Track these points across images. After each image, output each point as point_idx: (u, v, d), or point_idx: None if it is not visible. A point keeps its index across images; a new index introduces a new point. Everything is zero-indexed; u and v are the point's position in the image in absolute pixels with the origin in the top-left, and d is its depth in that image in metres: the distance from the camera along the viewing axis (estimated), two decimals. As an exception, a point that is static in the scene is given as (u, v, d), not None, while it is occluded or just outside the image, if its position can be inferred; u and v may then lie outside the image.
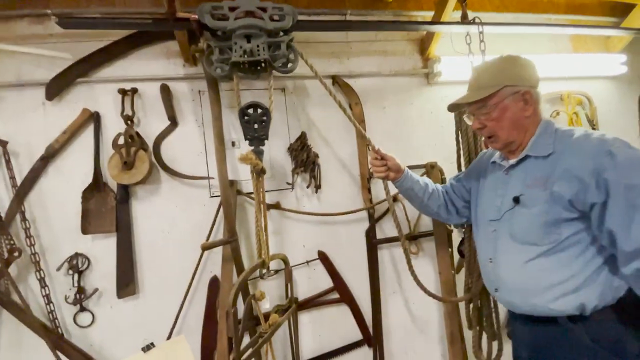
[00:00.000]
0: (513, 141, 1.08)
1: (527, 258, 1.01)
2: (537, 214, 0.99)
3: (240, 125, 1.34)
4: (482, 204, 1.22)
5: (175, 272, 1.55)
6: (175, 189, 1.58)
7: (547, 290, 0.98)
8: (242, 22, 1.27)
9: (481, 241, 1.21)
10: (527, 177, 1.05)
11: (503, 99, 1.05)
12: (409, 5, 1.80)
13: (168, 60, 1.58)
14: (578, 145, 0.96)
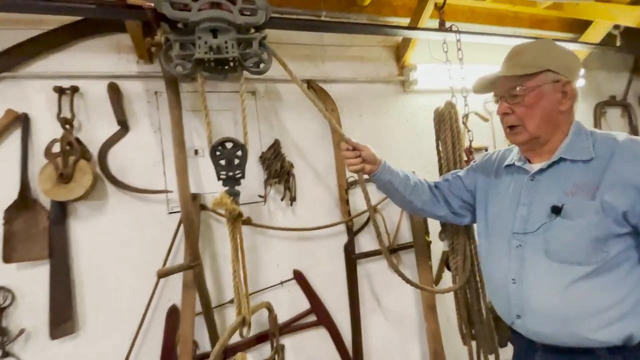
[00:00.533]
0: (540, 137, 0.93)
1: (569, 280, 0.85)
2: (585, 227, 0.83)
3: (212, 163, 1.14)
4: (497, 214, 1.05)
5: (126, 303, 1.31)
6: (126, 204, 1.35)
7: (591, 318, 0.84)
8: (207, 14, 1.10)
9: (498, 258, 1.01)
10: (566, 184, 0.89)
11: (542, 84, 0.90)
12: (384, 10, 1.75)
13: (118, 55, 1.37)
14: (629, 150, 0.84)
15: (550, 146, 0.94)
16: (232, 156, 1.15)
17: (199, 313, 1.35)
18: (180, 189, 1.24)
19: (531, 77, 0.90)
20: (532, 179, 0.96)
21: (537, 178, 0.96)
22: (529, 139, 0.94)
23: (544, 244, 0.89)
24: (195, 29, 1.12)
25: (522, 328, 0.96)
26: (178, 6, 1.10)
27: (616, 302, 0.82)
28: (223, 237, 1.46)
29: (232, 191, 1.13)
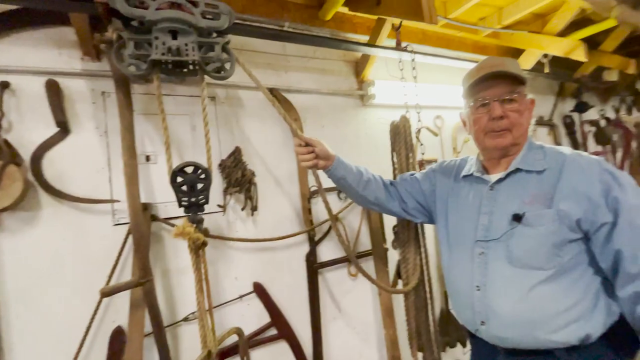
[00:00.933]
0: (518, 143, 0.98)
1: (531, 285, 0.89)
2: (545, 234, 0.88)
3: (173, 190, 1.08)
4: (458, 223, 1.08)
5: (62, 327, 1.16)
6: (64, 216, 1.20)
7: (551, 320, 0.88)
8: (167, 14, 1.05)
9: (462, 266, 1.03)
10: (524, 194, 0.94)
11: (525, 97, 0.97)
12: (344, 26, 1.81)
13: (59, 50, 1.24)
14: (576, 163, 0.91)
15: (509, 157, 1.01)
16: (195, 181, 1.09)
17: (148, 334, 1.24)
18: (129, 198, 1.14)
19: (522, 86, 0.96)
20: (492, 189, 1.01)
21: (496, 188, 1.00)
22: (511, 144, 0.98)
23: (507, 251, 0.93)
24: (153, 29, 1.06)
25: (486, 334, 0.98)
26: (134, 3, 1.03)
27: (572, 304, 0.87)
28: (175, 250, 1.36)
29: (195, 218, 1.07)
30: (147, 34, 1.07)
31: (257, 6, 1.59)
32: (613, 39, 2.63)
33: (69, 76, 1.24)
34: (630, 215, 0.83)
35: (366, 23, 1.86)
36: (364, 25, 1.86)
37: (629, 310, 0.85)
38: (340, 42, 1.59)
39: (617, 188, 0.85)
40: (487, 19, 2.25)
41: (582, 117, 3.09)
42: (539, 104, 2.79)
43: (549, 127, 2.87)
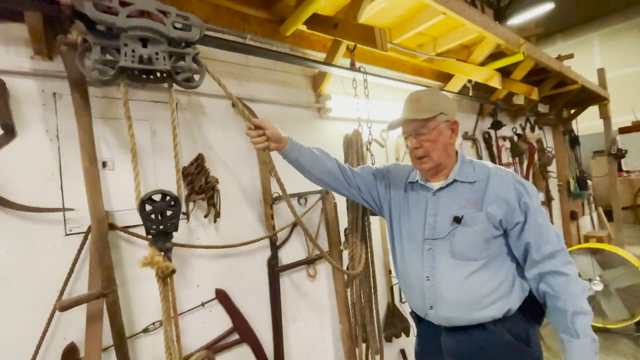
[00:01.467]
0: (441, 164, 1.18)
1: (468, 273, 1.11)
2: (478, 232, 1.11)
3: (141, 219, 1.07)
4: (409, 223, 1.25)
5: (7, 347, 1.06)
6: (8, 227, 1.10)
7: (483, 299, 1.11)
8: (138, 23, 1.05)
9: (412, 260, 1.22)
10: (460, 199, 1.15)
11: (439, 124, 1.15)
12: (303, 43, 1.93)
13: (7, 47, 1.14)
14: (497, 175, 1.15)
15: (446, 170, 1.21)
16: (164, 209, 1.09)
17: (105, 348, 1.19)
18: (91, 206, 1.10)
19: (431, 119, 1.16)
20: (435, 195, 1.21)
21: (438, 194, 1.21)
22: (434, 166, 1.19)
23: (450, 247, 1.14)
24: (121, 35, 1.05)
25: (434, 316, 1.18)
26: (102, 8, 1.02)
27: (498, 285, 1.12)
28: (133, 259, 1.32)
29: (163, 247, 1.07)
30: (115, 40, 1.05)
31: (220, 16, 1.63)
32: (521, 69, 3.17)
33: (16, 75, 1.15)
34: (535, 216, 1.10)
35: (322, 41, 2.01)
36: (320, 43, 2.00)
37: (535, 287, 1.13)
38: (300, 59, 1.70)
39: (526, 195, 1.12)
40: (425, 46, 2.57)
41: (497, 133, 3.64)
42: (464, 121, 3.29)
43: (472, 141, 3.33)
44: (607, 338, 3.11)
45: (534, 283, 1.13)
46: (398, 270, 1.34)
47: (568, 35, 10.16)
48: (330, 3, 1.79)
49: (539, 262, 1.10)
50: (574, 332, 1.05)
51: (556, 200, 5.01)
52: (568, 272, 1.08)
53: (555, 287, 1.08)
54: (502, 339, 1.12)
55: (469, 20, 2.02)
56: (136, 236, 1.30)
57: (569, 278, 1.08)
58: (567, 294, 1.06)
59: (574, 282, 1.08)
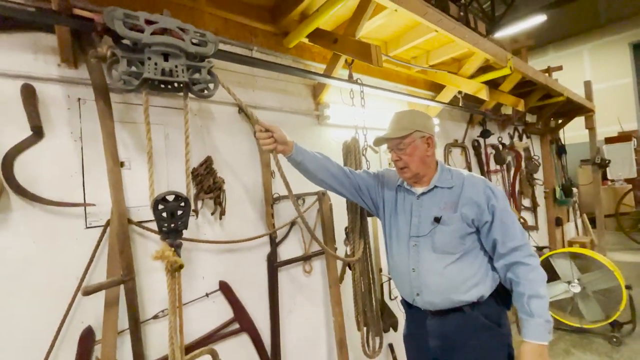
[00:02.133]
0: (419, 173, 1.38)
1: (446, 264, 1.32)
2: (454, 230, 1.31)
3: (154, 217, 1.16)
4: (398, 223, 1.44)
5: (29, 330, 1.17)
6: (34, 219, 1.22)
7: (460, 286, 1.31)
8: (161, 39, 1.18)
9: (401, 255, 1.42)
10: (440, 203, 1.35)
11: (414, 140, 1.36)
12: (304, 54, 2.07)
13: (36, 55, 1.26)
14: (470, 181, 1.36)
15: (426, 178, 1.41)
16: (175, 208, 1.19)
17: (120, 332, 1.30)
18: (114, 202, 1.22)
19: (407, 136, 1.36)
20: (418, 199, 1.42)
21: (421, 198, 1.41)
22: (413, 175, 1.40)
23: (432, 242, 1.35)
24: (146, 50, 1.18)
25: (421, 302, 1.39)
26: (129, 25, 1.14)
27: (472, 274, 1.32)
28: (145, 251, 1.44)
29: (173, 243, 1.16)
30: (140, 54, 1.18)
31: (229, 29, 1.76)
32: (509, 82, 3.34)
33: (44, 81, 1.26)
34: (501, 216, 1.30)
35: (323, 53, 2.14)
36: (321, 55, 2.14)
37: (502, 275, 1.34)
38: (302, 71, 1.83)
39: (493, 198, 1.32)
40: (418, 58, 2.73)
41: (486, 141, 3.81)
42: (454, 129, 3.46)
43: (461, 148, 3.50)
44: (584, 337, 3.30)
45: (502, 272, 1.33)
46: (390, 264, 1.53)
47: (559, 46, 10.46)
48: (331, 19, 1.93)
49: (505, 255, 1.30)
50: (529, 311, 1.24)
51: (542, 206, 5.21)
52: (529, 263, 1.27)
53: (518, 275, 1.27)
54: (477, 321, 1.32)
55: (459, 38, 2.18)
56: (149, 230, 1.42)
57: (530, 267, 1.27)
58: (527, 280, 1.25)
59: (534, 270, 1.27)
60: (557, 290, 3.42)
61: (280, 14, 1.83)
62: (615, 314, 3.12)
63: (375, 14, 1.86)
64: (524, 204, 4.71)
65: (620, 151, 8.04)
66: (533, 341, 1.22)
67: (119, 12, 1.11)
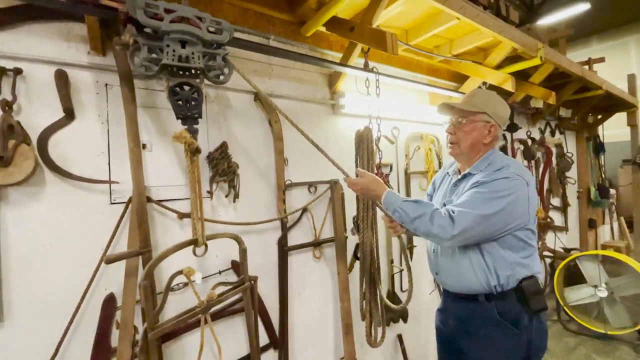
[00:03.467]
0: (465, 154, 1.39)
1: (458, 250, 1.34)
2: None
3: (171, 104, 1.29)
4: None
5: (58, 292, 1.30)
6: (65, 194, 1.34)
7: (469, 273, 1.32)
8: (179, 27, 1.25)
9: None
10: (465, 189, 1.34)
11: (477, 121, 1.34)
12: (322, 43, 2.08)
13: (68, 43, 1.36)
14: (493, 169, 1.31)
15: (469, 163, 1.40)
16: (189, 97, 1.32)
17: (137, 300, 1.41)
18: (135, 180, 1.32)
19: (473, 114, 1.33)
20: (454, 185, 1.46)
21: (457, 184, 1.45)
22: (459, 154, 1.41)
23: None
24: (165, 37, 1.25)
25: (439, 281, 1.49)
26: (150, 14, 1.22)
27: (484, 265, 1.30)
28: (164, 227, 1.54)
29: (191, 128, 1.32)
30: (159, 41, 1.25)
31: (247, 18, 1.81)
32: (540, 73, 3.18)
33: (75, 67, 1.37)
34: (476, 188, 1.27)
35: (340, 42, 2.15)
36: (338, 44, 2.14)
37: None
38: (317, 59, 1.85)
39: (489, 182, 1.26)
40: (441, 47, 2.66)
41: (513, 136, 3.66)
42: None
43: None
44: (608, 344, 3.15)
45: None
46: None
47: (604, 37, 9.69)
48: (348, 7, 1.93)
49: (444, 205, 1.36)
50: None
51: (574, 206, 4.95)
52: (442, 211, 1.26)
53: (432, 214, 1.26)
54: (490, 313, 1.31)
55: (483, 25, 2.10)
56: (167, 209, 1.52)
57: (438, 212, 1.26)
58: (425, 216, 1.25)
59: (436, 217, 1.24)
60: (582, 294, 3.28)
61: (297, 2, 1.85)
62: (644, 322, 2.95)
63: (393, 1, 1.84)
64: (553, 203, 4.49)
65: (667, 151, 7.41)
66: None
67: (141, 1, 1.18)
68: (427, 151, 2.79)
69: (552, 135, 4.63)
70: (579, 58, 5.19)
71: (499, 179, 1.26)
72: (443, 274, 1.45)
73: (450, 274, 1.41)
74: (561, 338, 3.31)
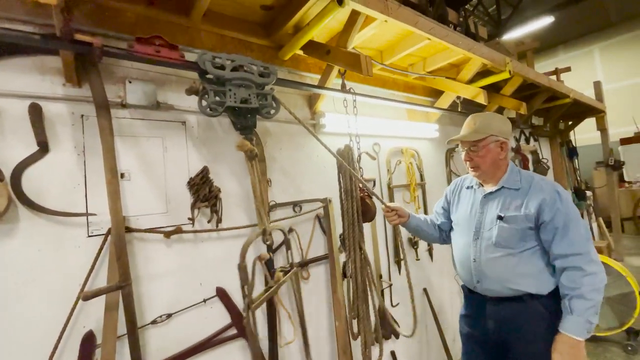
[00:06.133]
0: (488, 173, 1.52)
1: (503, 257, 1.43)
2: (515, 228, 1.41)
3: (231, 118, 1.51)
4: (462, 217, 1.60)
5: (34, 333, 1.24)
6: (39, 229, 1.30)
7: (516, 278, 1.41)
8: (239, 75, 1.44)
9: (464, 245, 1.58)
10: (505, 202, 1.47)
11: (489, 144, 1.47)
12: (300, 66, 2.13)
13: (42, 76, 1.35)
14: (539, 184, 1.44)
15: (495, 179, 1.54)
16: (247, 112, 1.52)
17: (119, 337, 1.36)
18: (112, 212, 1.29)
19: (482, 140, 1.46)
20: (485, 197, 1.55)
21: (488, 197, 1.55)
22: (482, 174, 1.54)
23: (493, 237, 1.47)
24: (226, 83, 1.42)
25: (480, 289, 1.53)
26: (215, 65, 1.40)
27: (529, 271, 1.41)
28: (146, 258, 1.51)
29: (249, 137, 1.52)
30: (222, 86, 1.42)
31: (225, 44, 1.84)
32: (510, 85, 3.32)
33: (50, 100, 1.36)
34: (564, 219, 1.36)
35: (318, 64, 2.20)
36: (316, 66, 2.20)
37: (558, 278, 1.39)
38: (296, 83, 1.89)
39: (559, 202, 1.37)
40: (415, 65, 2.76)
41: (491, 145, 3.77)
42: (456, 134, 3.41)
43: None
44: (598, 345, 3.19)
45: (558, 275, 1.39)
46: (454, 255, 1.71)
47: (569, 47, 10.29)
48: (324, 31, 1.99)
49: (560, 257, 1.35)
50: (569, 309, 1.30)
51: (553, 210, 5.09)
52: (585, 268, 1.30)
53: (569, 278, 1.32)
54: (536, 309, 1.40)
55: (452, 44, 2.20)
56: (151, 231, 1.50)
57: (583, 272, 1.30)
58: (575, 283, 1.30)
59: (587, 275, 1.30)
60: (568, 296, 3.33)
61: (274, 28, 1.90)
62: (629, 321, 3.02)
63: (366, 24, 1.92)
64: (534, 208, 4.61)
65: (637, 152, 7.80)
66: (567, 333, 1.26)
67: (208, 55, 1.38)
68: (408, 165, 2.85)
69: (527, 143, 4.81)
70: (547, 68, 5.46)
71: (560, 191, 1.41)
72: (487, 281, 1.48)
73: (496, 280, 1.45)
74: (552, 342, 3.34)
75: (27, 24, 1.32)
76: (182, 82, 1.66)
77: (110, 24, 1.51)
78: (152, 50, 1.34)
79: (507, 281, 1.43)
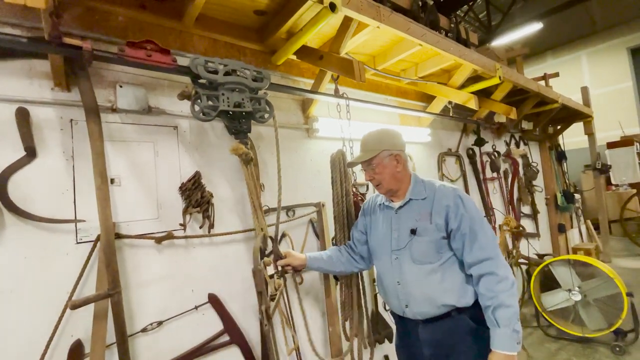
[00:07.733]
0: (392, 188, 1.46)
1: (427, 274, 1.35)
2: (429, 240, 1.35)
3: (225, 122, 1.51)
4: (379, 239, 1.51)
5: (20, 342, 1.21)
6: (26, 236, 1.27)
7: (443, 294, 1.34)
8: (232, 79, 1.42)
9: (385, 269, 1.47)
10: (415, 214, 1.40)
11: (383, 159, 1.43)
12: (293, 70, 2.14)
13: (30, 80, 1.33)
14: (441, 191, 1.39)
15: (401, 192, 1.46)
16: (241, 116, 1.51)
17: (107, 346, 1.33)
18: (102, 218, 1.27)
19: (375, 157, 1.44)
20: (396, 213, 1.47)
21: (399, 212, 1.47)
22: (387, 191, 1.48)
23: (411, 254, 1.39)
24: (219, 87, 1.41)
25: (410, 313, 1.42)
26: (208, 69, 1.39)
27: (453, 284, 1.35)
28: (136, 265, 1.48)
29: (243, 141, 1.52)
30: (215, 90, 1.41)
31: (218, 49, 1.83)
32: (500, 90, 3.38)
33: (38, 104, 1.33)
34: (470, 224, 1.32)
35: (311, 69, 2.21)
36: (309, 71, 2.20)
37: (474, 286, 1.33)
38: (289, 88, 1.89)
39: (462, 207, 1.34)
40: (407, 70, 2.79)
41: (481, 149, 3.83)
42: (448, 138, 3.50)
43: (455, 157, 3.52)
44: (587, 347, 3.24)
45: (474, 283, 1.33)
46: (377, 280, 1.59)
47: (557, 53, 10.50)
48: (317, 36, 2.00)
49: (473, 264, 1.31)
50: (495, 322, 1.25)
51: (543, 213, 5.17)
52: (498, 273, 1.27)
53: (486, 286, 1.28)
54: (466, 324, 1.34)
55: (444, 50, 2.23)
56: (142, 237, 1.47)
57: (498, 277, 1.27)
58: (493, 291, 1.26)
59: (502, 281, 1.26)
60: (557, 299, 3.38)
61: (267, 33, 1.90)
62: (617, 322, 3.07)
63: (359, 30, 1.93)
64: (524, 211, 4.68)
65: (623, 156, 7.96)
66: (500, 351, 1.22)
67: (201, 60, 1.36)
68: (402, 169, 2.86)
69: (517, 147, 4.88)
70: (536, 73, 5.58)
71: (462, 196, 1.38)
72: (415, 304, 1.39)
73: (424, 300, 1.37)
74: (542, 344, 3.38)
75: (15, 26, 1.30)
76: (174, 87, 1.65)
77: (101, 28, 1.49)
78: (143, 54, 1.33)
79: (435, 299, 1.35)
